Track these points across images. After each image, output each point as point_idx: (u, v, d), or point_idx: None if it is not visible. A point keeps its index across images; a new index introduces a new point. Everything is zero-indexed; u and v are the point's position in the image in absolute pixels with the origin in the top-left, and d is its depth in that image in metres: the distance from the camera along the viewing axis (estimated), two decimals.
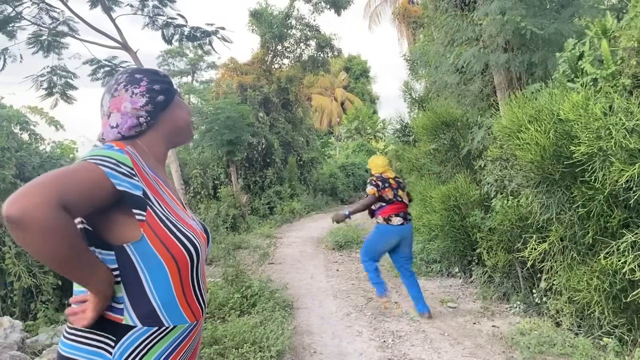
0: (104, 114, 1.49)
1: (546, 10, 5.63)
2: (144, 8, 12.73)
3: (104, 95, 1.50)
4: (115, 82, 1.49)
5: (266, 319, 4.89)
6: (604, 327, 4.13)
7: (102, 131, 1.48)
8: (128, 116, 1.45)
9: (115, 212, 1.30)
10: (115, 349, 1.30)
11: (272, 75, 17.89)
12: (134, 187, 1.30)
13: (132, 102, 1.46)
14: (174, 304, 1.37)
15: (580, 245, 4.35)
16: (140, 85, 1.48)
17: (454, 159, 7.76)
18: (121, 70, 1.54)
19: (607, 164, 3.61)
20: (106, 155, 1.29)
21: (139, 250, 1.31)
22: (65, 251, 1.15)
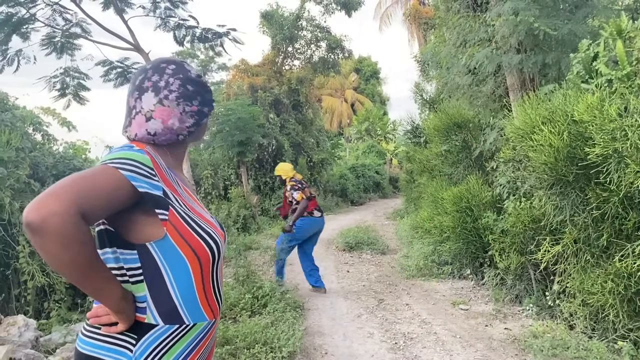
0: (140, 112, 1.43)
1: (560, 11, 5.59)
2: (156, 10, 12.82)
3: (144, 89, 1.44)
4: (165, 84, 1.44)
5: (277, 320, 4.89)
6: (618, 331, 4.09)
7: (136, 132, 1.42)
8: (171, 132, 1.44)
9: (137, 212, 1.31)
10: (137, 347, 1.30)
11: (283, 76, 17.92)
12: (154, 187, 1.30)
13: (180, 121, 1.44)
14: (194, 302, 1.38)
15: (594, 247, 4.31)
16: (192, 104, 1.47)
17: (465, 161, 7.72)
18: (171, 70, 1.47)
19: (623, 166, 3.58)
20: (126, 157, 1.28)
21: (162, 248, 1.32)
22: (81, 260, 1.15)
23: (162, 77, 1.44)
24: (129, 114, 1.45)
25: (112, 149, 1.37)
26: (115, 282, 1.28)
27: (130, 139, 1.44)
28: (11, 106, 6.65)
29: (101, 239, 1.35)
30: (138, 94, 1.43)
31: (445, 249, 6.91)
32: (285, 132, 17.18)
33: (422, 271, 7.50)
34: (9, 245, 4.89)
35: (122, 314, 1.29)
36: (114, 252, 1.33)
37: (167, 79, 1.44)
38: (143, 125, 1.41)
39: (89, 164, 7.26)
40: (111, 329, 1.31)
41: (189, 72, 1.49)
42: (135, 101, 1.44)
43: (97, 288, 1.23)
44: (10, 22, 10.90)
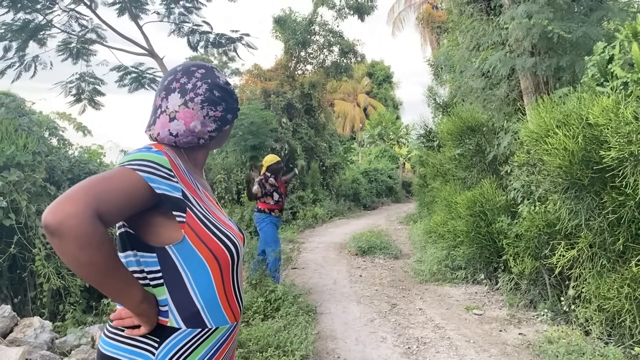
0: (165, 111, 1.44)
1: (574, 14, 5.55)
2: (170, 15, 12.93)
3: (171, 90, 1.45)
4: (193, 87, 1.45)
5: (290, 324, 4.89)
6: (635, 337, 4.03)
7: (157, 130, 1.43)
8: (192, 135, 1.43)
9: (155, 214, 1.31)
10: (159, 350, 1.31)
11: (296, 81, 17.97)
12: (173, 189, 1.30)
13: (202, 125, 1.44)
14: (216, 305, 1.38)
15: (610, 252, 4.26)
16: (217, 110, 1.47)
17: (479, 165, 7.67)
18: (200, 74, 1.48)
19: (639, 169, 3.54)
20: (144, 159, 1.29)
21: (180, 251, 1.32)
22: (99, 261, 1.16)
23: (190, 80, 1.45)
24: (154, 112, 1.46)
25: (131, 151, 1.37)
26: (136, 285, 1.28)
27: (153, 138, 1.45)
28: (28, 111, 6.74)
29: (122, 241, 1.35)
30: (165, 94, 1.45)
31: (459, 253, 6.86)
32: (297, 137, 17.21)
33: (435, 276, 7.46)
34: (25, 248, 4.94)
35: (144, 316, 1.29)
36: (135, 255, 1.34)
37: (195, 82, 1.45)
38: (166, 125, 1.42)
39: (104, 168, 7.33)
40: (134, 332, 1.32)
41: (218, 78, 1.50)
42: (162, 101, 1.45)
43: (117, 290, 1.24)
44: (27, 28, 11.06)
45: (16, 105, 6.54)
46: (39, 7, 10.99)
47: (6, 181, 4.77)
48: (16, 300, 5.02)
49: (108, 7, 12.34)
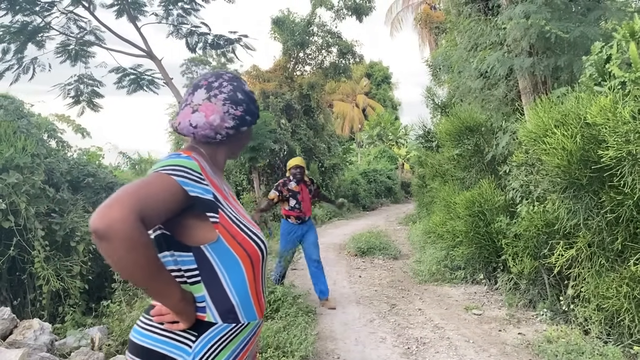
0: (189, 104, 1.51)
1: (571, 14, 5.56)
2: (168, 17, 12.94)
3: (199, 86, 1.53)
4: (218, 85, 1.53)
5: (289, 324, 4.89)
6: (634, 336, 4.04)
7: (180, 121, 1.51)
8: (210, 128, 1.49)
9: (189, 216, 1.38)
10: (196, 343, 1.37)
11: (294, 82, 17.98)
12: (205, 191, 1.38)
13: (221, 119, 1.50)
14: (248, 301, 1.46)
15: (608, 251, 4.27)
16: (237, 109, 1.53)
17: (478, 165, 7.68)
18: (228, 77, 1.58)
19: (637, 169, 3.54)
20: (176, 164, 1.36)
21: (216, 250, 1.40)
22: (144, 262, 1.23)
23: (218, 80, 1.55)
24: (181, 105, 1.55)
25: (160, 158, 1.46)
26: (175, 284, 1.35)
27: (174, 128, 1.54)
28: (27, 113, 6.74)
29: (159, 243, 1.42)
30: (192, 90, 1.54)
31: (458, 253, 6.87)
32: (296, 138, 17.22)
33: (434, 276, 7.46)
34: (25, 250, 4.94)
35: (183, 314, 1.35)
36: (172, 255, 1.41)
37: (221, 82, 1.54)
38: (188, 116, 1.50)
39: (103, 170, 7.34)
40: (173, 327, 1.38)
41: (243, 85, 1.60)
42: (189, 95, 1.53)
43: (159, 289, 1.31)
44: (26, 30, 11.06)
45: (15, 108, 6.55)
46: (38, 9, 10.98)
47: (5, 183, 4.77)
48: (15, 302, 5.01)
49: (106, 9, 12.35)
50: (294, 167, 6.25)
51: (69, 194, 6.03)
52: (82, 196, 6.35)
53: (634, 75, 4.00)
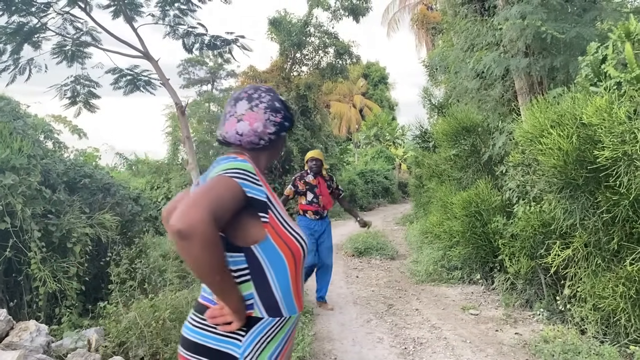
0: (234, 115, 1.66)
1: (567, 14, 5.58)
2: (165, 17, 12.88)
3: (240, 98, 1.68)
4: (258, 96, 1.68)
5: None
6: (630, 335, 4.06)
7: (226, 129, 1.66)
8: (254, 134, 1.64)
9: (243, 216, 1.49)
10: (245, 338, 1.49)
11: (291, 82, 17.98)
12: (260, 192, 1.50)
13: (264, 126, 1.65)
14: (290, 296, 1.57)
15: (605, 251, 4.28)
16: (277, 116, 1.68)
17: (474, 165, 7.70)
18: (265, 88, 1.74)
19: (632, 169, 3.56)
20: (236, 167, 1.49)
21: (264, 249, 1.51)
22: (217, 260, 1.36)
23: (257, 92, 1.70)
24: (224, 117, 1.69)
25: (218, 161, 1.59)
26: (235, 283, 1.47)
27: (222, 137, 1.69)
28: (23, 114, 6.73)
29: None
30: (234, 102, 1.69)
31: (455, 253, 6.88)
32: (293, 138, 17.22)
33: (431, 276, 7.47)
34: (21, 252, 4.93)
35: (239, 312, 1.46)
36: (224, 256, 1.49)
37: (260, 93, 1.70)
38: (233, 125, 1.65)
39: (100, 171, 7.33)
40: (227, 328, 1.48)
41: (278, 95, 1.76)
42: (231, 107, 1.68)
43: (227, 288, 1.43)
44: (22, 31, 11.02)
45: (11, 109, 6.53)
46: (34, 10, 10.95)
47: (1, 185, 4.76)
48: (12, 304, 5.00)
49: (103, 10, 12.31)
50: (311, 160, 6.00)
51: (65, 195, 6.01)
52: (78, 197, 6.33)
53: (629, 76, 4.01)
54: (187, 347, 1.55)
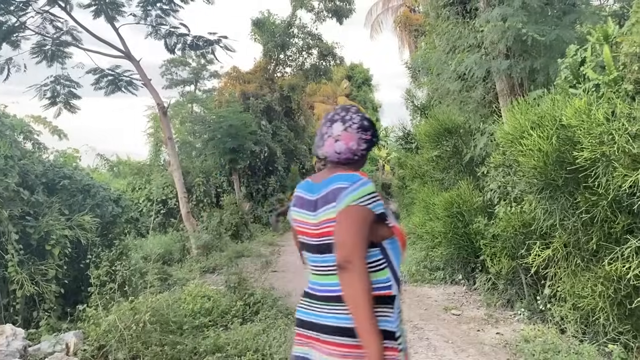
0: (332, 136, 1.93)
1: (547, 17, 5.64)
2: (147, 17, 12.78)
3: (335, 120, 1.95)
4: (350, 118, 1.95)
5: (269, 327, 4.87)
6: (609, 334, 4.10)
7: (326, 149, 1.93)
8: (350, 152, 1.92)
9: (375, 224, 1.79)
10: (392, 313, 1.80)
11: (275, 83, 17.95)
12: (381, 206, 1.81)
13: (357, 144, 1.92)
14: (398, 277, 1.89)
15: (584, 251, 4.33)
16: (367, 134, 1.95)
17: (456, 166, 7.74)
18: (354, 110, 2.00)
19: (611, 170, 3.60)
20: (367, 194, 1.77)
21: (391, 244, 1.85)
22: (368, 290, 1.67)
23: (348, 113, 1.96)
24: (321, 137, 1.96)
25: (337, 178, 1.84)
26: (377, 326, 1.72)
27: (322, 155, 1.95)
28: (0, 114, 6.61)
29: None
30: (330, 124, 1.95)
31: (437, 254, 6.92)
32: (277, 139, 17.19)
33: (414, 277, 7.50)
34: None
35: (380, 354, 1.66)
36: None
37: (351, 115, 1.96)
38: (332, 145, 1.91)
39: (79, 172, 7.23)
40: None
41: (365, 114, 2.02)
42: (327, 129, 1.95)
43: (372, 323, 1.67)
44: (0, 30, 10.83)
45: None
46: (13, 9, 10.77)
47: None
48: None
49: (83, 9, 12.15)
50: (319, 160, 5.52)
51: (44, 197, 5.92)
52: (57, 199, 6.23)
53: (607, 78, 4.07)
54: (343, 333, 1.77)
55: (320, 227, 1.83)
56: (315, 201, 1.88)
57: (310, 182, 1.98)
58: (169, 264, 10.18)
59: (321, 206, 1.84)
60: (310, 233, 1.88)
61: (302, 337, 1.89)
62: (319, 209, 1.85)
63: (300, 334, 1.91)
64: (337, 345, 1.78)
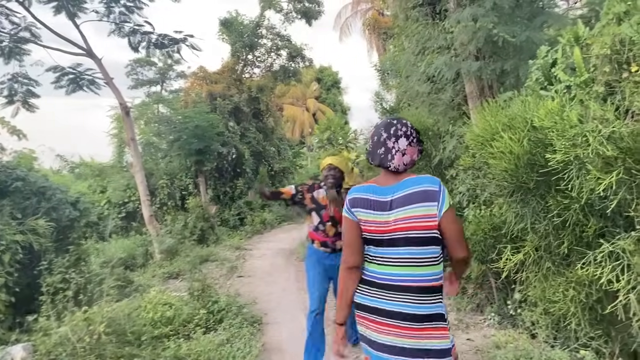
0: (399, 150, 2.27)
1: (518, 19, 5.60)
2: (110, 15, 12.42)
3: (399, 136, 2.29)
4: (410, 133, 2.32)
5: (233, 336, 4.67)
6: (580, 339, 4.05)
7: (397, 163, 2.27)
8: (412, 162, 2.32)
9: None
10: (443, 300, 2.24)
11: (243, 84, 17.69)
12: None
13: (416, 155, 2.35)
14: None
15: (555, 255, 4.27)
16: (420, 145, 2.40)
17: (425, 169, 7.67)
18: (409, 124, 2.37)
19: (584, 172, 3.53)
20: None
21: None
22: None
23: (408, 128, 2.33)
24: (389, 151, 2.27)
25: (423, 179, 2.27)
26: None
27: (394, 168, 2.27)
28: None
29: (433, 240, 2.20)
30: (395, 139, 2.28)
31: None
32: (245, 141, 16.92)
33: None
34: None
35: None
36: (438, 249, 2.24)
37: (411, 130, 2.34)
38: (401, 159, 2.27)
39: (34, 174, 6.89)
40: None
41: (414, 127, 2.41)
42: (394, 144, 2.27)
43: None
44: None
45: None
46: None
47: None
48: None
49: (43, 5, 11.71)
50: (328, 168, 4.42)
51: None
52: (9, 202, 5.91)
53: (579, 80, 4.02)
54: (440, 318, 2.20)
55: (400, 222, 2.16)
56: (390, 202, 2.20)
57: (376, 186, 2.28)
58: (131, 269, 9.86)
59: (400, 206, 2.17)
60: (382, 230, 2.19)
61: (389, 327, 2.18)
62: (394, 209, 2.18)
63: (387, 323, 2.18)
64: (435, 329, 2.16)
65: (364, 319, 2.30)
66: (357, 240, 2.26)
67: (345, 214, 2.30)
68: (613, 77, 4.01)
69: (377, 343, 2.24)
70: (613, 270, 3.46)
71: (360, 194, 2.27)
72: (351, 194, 2.32)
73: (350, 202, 2.28)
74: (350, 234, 2.28)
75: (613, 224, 3.77)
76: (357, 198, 2.27)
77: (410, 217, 2.13)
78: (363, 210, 2.22)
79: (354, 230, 2.26)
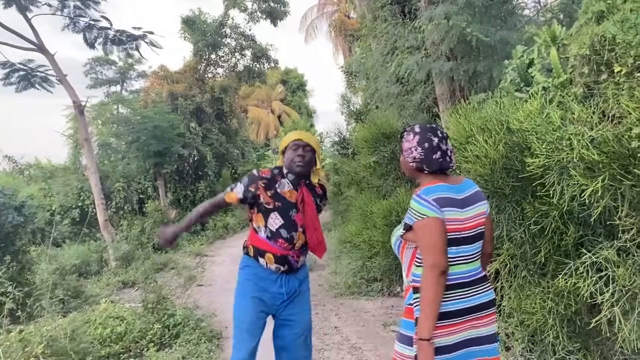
0: (451, 150, 2.31)
1: (492, 18, 5.44)
2: (64, 8, 11.84)
3: (445, 137, 2.34)
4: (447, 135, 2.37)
5: (190, 354, 4.30)
6: (557, 352, 3.85)
7: (454, 162, 2.35)
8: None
9: None
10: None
11: (206, 84, 17.22)
12: None
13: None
14: None
15: (531, 264, 4.08)
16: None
17: (395, 172, 7.46)
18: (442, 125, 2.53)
19: (565, 178, 3.33)
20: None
21: None
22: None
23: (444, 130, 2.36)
24: (445, 153, 2.28)
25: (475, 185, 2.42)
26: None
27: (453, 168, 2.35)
28: None
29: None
30: (445, 141, 2.31)
31: (375, 264, 6.58)
32: (207, 143, 16.45)
33: (351, 289, 7.12)
34: None
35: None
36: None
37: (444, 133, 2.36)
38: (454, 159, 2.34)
39: None
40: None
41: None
42: (446, 145, 2.30)
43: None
44: None
45: None
46: None
47: None
48: None
49: None
50: (294, 144, 3.03)
51: None
52: None
53: (557, 81, 3.84)
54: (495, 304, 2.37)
55: (474, 219, 2.24)
56: (462, 200, 2.23)
57: (449, 185, 2.25)
58: (85, 276, 9.33)
59: (472, 204, 2.25)
60: (461, 228, 2.21)
61: (457, 326, 2.20)
62: (468, 206, 2.24)
63: (455, 323, 2.20)
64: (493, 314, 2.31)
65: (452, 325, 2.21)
66: (446, 243, 2.19)
67: (434, 214, 2.16)
68: (591, 78, 3.86)
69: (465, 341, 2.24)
70: (596, 283, 3.27)
71: (443, 194, 2.20)
72: (433, 194, 2.19)
73: (438, 202, 2.17)
74: (441, 236, 2.19)
75: (593, 232, 3.60)
76: (442, 197, 2.19)
77: (479, 215, 2.26)
78: (451, 209, 2.19)
79: (444, 232, 2.18)
